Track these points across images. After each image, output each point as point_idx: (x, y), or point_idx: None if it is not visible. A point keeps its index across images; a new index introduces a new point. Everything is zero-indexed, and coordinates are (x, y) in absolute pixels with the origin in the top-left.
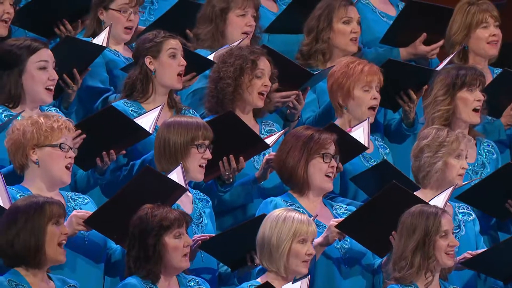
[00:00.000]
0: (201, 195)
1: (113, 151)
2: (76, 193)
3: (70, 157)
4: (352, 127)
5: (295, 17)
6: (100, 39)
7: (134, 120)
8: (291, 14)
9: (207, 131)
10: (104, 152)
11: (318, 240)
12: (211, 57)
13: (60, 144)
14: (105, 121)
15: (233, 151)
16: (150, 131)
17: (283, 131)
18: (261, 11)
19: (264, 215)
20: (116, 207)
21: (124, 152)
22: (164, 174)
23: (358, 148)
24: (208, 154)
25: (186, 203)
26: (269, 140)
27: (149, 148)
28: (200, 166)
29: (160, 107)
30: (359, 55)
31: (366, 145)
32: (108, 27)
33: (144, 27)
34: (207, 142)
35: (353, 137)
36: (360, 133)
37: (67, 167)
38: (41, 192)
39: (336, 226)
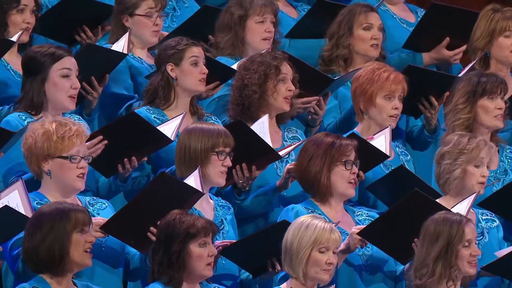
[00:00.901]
0: (223, 202)
1: (134, 158)
2: (94, 198)
3: (82, 167)
4: (374, 135)
5: (317, 21)
6: (119, 46)
7: (157, 127)
8: (312, 18)
9: (228, 138)
10: (125, 159)
11: (340, 247)
12: (235, 66)
13: (71, 156)
14: (127, 128)
15: (246, 159)
16: (172, 139)
17: (297, 144)
18: (281, 16)
19: (285, 222)
20: (133, 213)
21: (146, 159)
22: (180, 179)
23: (379, 156)
24: (229, 162)
25: (207, 210)
26: (282, 152)
27: (172, 156)
28: (220, 172)
29: (182, 115)
30: (384, 60)
31: (388, 153)
32: (127, 33)
33: (167, 33)
34: (227, 150)
35: (374, 146)
36: (382, 141)
37: (79, 176)
38: (56, 199)
39: (358, 233)
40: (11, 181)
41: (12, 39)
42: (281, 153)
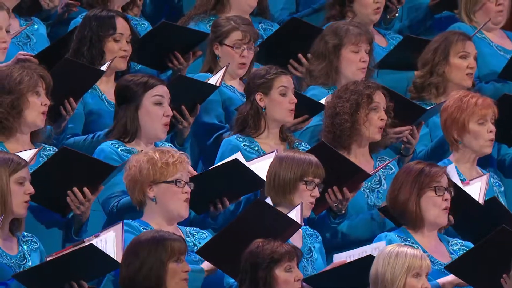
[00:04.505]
0: (311, 230)
1: (226, 199)
2: (195, 228)
3: (186, 192)
4: (470, 180)
5: (405, 54)
6: (215, 79)
7: (251, 168)
8: (401, 51)
9: (318, 169)
10: (217, 200)
11: (448, 279)
12: (329, 96)
13: (176, 180)
14: (226, 172)
15: (336, 181)
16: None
17: (386, 162)
18: None
19: (370, 256)
20: (228, 240)
21: (239, 199)
22: (274, 206)
23: (473, 204)
24: (317, 192)
25: (296, 238)
26: (373, 170)
27: None
28: (308, 203)
29: (274, 152)
30: (475, 90)
31: (481, 202)
32: (225, 68)
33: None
34: (317, 180)
35: (466, 192)
36: (477, 188)
37: (184, 202)
38: (160, 227)
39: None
40: (112, 205)
41: (102, 68)
42: (370, 172)
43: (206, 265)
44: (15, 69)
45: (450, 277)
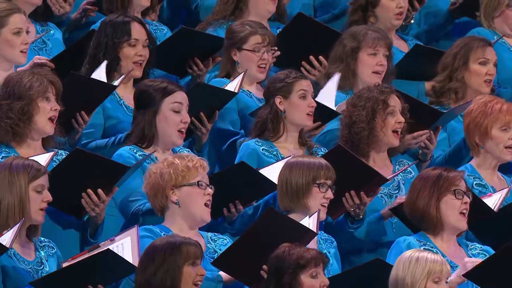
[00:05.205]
0: (325, 235)
1: (239, 202)
2: (216, 234)
3: (208, 194)
4: (493, 193)
5: (416, 63)
6: (233, 85)
7: (261, 172)
8: (412, 60)
9: (329, 171)
10: (231, 204)
11: (454, 277)
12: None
13: (198, 182)
14: (236, 176)
15: (353, 186)
16: (276, 182)
17: (405, 167)
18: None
19: (377, 260)
20: (243, 249)
21: (253, 203)
22: (283, 213)
23: (487, 213)
24: (330, 194)
25: (311, 243)
26: (391, 175)
27: None
28: (322, 205)
29: (291, 156)
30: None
31: (496, 209)
32: (242, 74)
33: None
34: (329, 182)
35: (483, 202)
36: (496, 198)
37: (206, 205)
38: (181, 231)
39: (464, 275)
40: (137, 209)
41: (114, 83)
42: (388, 176)
43: (224, 273)
44: (25, 75)
45: (455, 277)
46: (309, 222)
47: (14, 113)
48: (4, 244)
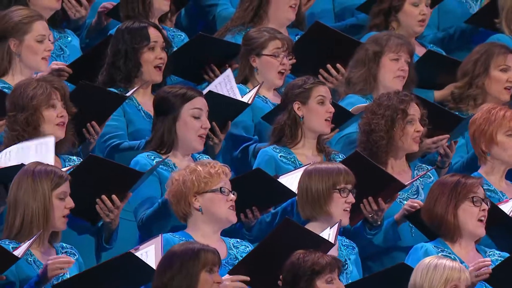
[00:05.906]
0: (347, 241)
1: (256, 208)
2: (239, 240)
3: (231, 200)
4: (509, 199)
5: (428, 70)
6: (248, 96)
7: (280, 180)
8: (423, 66)
9: (348, 175)
10: (248, 210)
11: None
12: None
13: (220, 188)
14: (252, 182)
15: (370, 192)
16: (295, 192)
17: (423, 172)
18: None
19: (402, 264)
20: (260, 259)
21: (270, 210)
22: (304, 222)
23: (507, 219)
24: (351, 198)
25: (331, 249)
26: (409, 181)
27: None
28: (344, 210)
29: (304, 167)
30: None
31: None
32: (258, 87)
33: None
34: (349, 187)
35: (502, 210)
36: (510, 206)
37: (230, 209)
38: (204, 237)
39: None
40: (141, 215)
41: (127, 94)
42: (406, 182)
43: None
44: (30, 85)
45: None
46: (330, 233)
47: (19, 124)
48: (16, 255)
